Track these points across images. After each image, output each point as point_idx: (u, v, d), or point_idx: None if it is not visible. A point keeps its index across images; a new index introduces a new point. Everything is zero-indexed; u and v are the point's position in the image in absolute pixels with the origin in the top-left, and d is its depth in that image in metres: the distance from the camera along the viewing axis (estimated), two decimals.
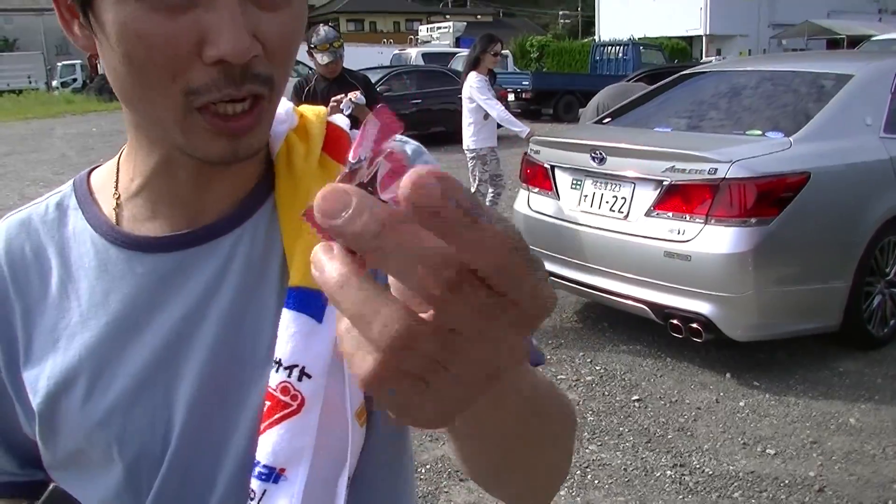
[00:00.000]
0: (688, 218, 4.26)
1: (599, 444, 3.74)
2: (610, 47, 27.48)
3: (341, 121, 0.85)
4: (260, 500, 0.72)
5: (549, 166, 5.18)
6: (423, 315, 0.36)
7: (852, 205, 4.47)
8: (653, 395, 4.24)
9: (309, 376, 0.72)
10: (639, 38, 31.67)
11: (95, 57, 0.72)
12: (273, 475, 0.72)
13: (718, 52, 36.42)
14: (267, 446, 0.72)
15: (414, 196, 0.32)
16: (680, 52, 35.50)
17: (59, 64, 47.36)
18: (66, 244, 0.81)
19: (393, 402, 0.38)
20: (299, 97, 5.21)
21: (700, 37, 41.26)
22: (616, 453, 3.65)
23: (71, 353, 0.77)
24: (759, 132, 4.60)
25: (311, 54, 5.22)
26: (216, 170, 0.76)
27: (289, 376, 0.72)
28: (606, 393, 4.31)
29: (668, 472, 3.48)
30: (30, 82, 45.32)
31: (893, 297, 4.72)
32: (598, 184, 4.79)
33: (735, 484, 3.38)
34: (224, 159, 0.71)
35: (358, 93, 5.01)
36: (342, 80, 5.31)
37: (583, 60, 33.82)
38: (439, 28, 42.61)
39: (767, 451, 3.63)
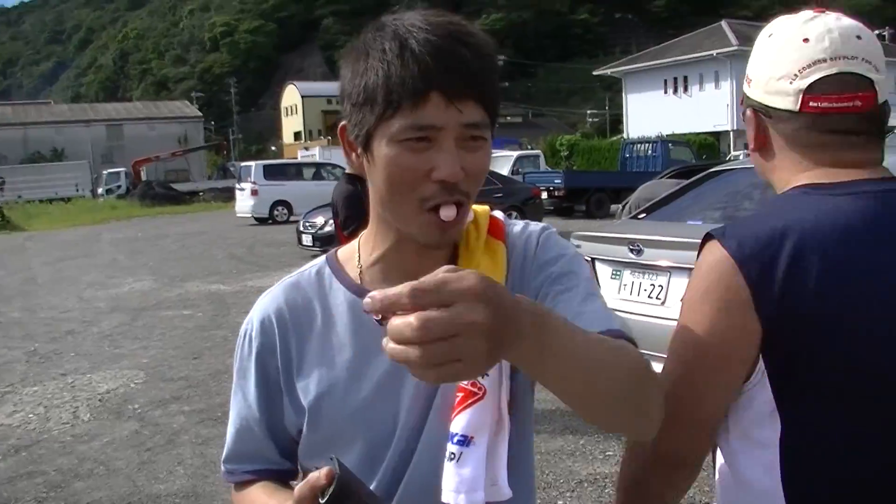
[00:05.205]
0: None
1: None
2: (639, 145, 27.92)
3: (498, 214, 1.25)
4: (458, 459, 1.07)
5: (589, 259, 5.52)
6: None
7: None
8: None
9: (487, 375, 1.08)
10: (667, 135, 32.16)
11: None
12: (466, 441, 1.07)
13: (746, 147, 36.65)
14: (461, 421, 1.07)
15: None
16: (708, 147, 35.92)
17: (105, 172, 48.85)
18: (326, 298, 1.22)
19: (422, 367, 0.75)
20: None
21: (727, 132, 41.82)
22: None
23: (334, 368, 1.18)
24: None
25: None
26: (430, 249, 1.14)
27: None
28: None
29: None
30: (77, 190, 46.81)
31: None
32: (637, 274, 5.13)
33: None
34: (439, 244, 1.12)
35: None
36: None
37: (612, 158, 34.29)
38: None
39: None
